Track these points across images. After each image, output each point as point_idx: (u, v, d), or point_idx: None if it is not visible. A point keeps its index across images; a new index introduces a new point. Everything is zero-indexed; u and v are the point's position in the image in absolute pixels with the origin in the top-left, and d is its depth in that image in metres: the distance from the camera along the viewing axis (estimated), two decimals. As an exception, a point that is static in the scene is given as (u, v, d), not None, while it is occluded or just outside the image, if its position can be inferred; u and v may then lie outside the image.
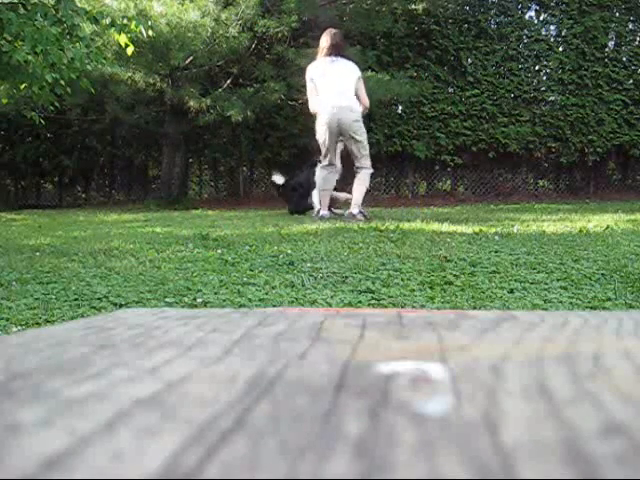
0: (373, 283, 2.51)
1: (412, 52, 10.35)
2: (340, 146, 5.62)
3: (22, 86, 5.89)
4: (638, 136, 10.34)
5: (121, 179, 11.87)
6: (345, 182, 6.33)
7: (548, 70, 10.72)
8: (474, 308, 2.12)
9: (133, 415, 0.24)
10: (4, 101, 6.80)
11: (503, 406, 0.25)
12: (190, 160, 11.25)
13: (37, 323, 2.02)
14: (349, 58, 5.71)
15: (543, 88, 10.61)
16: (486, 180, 10.85)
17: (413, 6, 10.02)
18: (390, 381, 0.29)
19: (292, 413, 0.24)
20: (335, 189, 5.90)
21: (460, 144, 10.40)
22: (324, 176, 5.64)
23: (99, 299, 2.34)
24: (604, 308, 2.10)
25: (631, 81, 10.45)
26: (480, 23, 10.47)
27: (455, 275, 2.65)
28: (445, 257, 3.05)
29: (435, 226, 4.56)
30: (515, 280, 2.54)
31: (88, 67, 5.69)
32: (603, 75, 10.37)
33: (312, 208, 6.19)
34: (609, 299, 2.20)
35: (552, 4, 10.55)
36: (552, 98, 10.63)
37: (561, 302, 2.20)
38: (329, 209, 5.79)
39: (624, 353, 0.37)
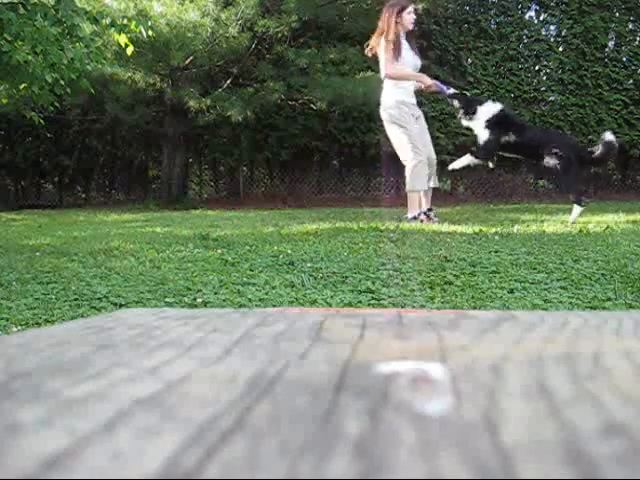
0: (373, 283, 2.51)
1: (412, 52, 10.35)
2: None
3: (22, 86, 5.89)
4: (638, 136, 10.34)
5: (121, 179, 11.88)
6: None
7: (548, 70, 10.72)
8: (474, 308, 2.12)
9: (133, 415, 0.24)
10: (4, 101, 6.80)
11: (503, 406, 0.25)
12: (190, 160, 11.25)
13: (37, 323, 2.02)
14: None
15: (543, 88, 10.61)
16: (486, 180, 10.85)
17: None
18: (390, 381, 0.29)
19: (292, 413, 0.24)
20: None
21: (460, 144, 10.40)
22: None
23: (99, 299, 2.34)
24: (604, 308, 2.10)
25: (631, 81, 10.45)
26: (480, 23, 10.47)
27: (455, 275, 2.65)
28: (445, 257, 3.05)
29: (435, 226, 4.55)
30: (515, 280, 2.54)
31: (88, 67, 5.69)
32: (603, 75, 10.37)
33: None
34: (609, 299, 2.20)
35: (552, 4, 10.54)
36: (552, 98, 10.63)
37: (561, 302, 2.20)
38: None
39: (624, 353, 0.36)
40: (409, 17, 4.96)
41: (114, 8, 7.67)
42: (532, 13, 10.70)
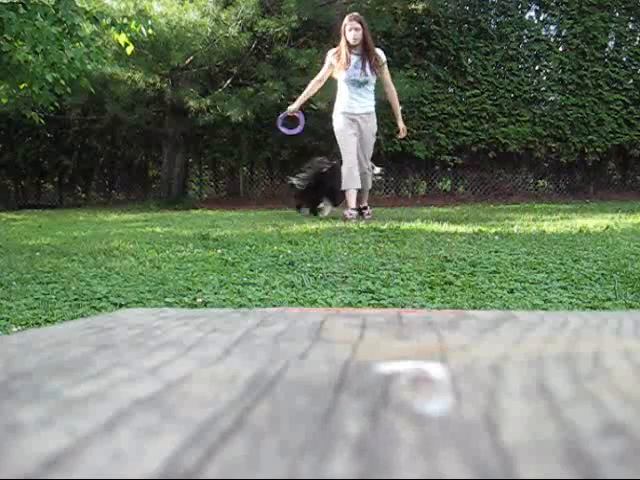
0: (373, 283, 2.51)
1: (412, 52, 10.35)
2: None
3: (22, 86, 5.89)
4: (638, 136, 10.34)
5: (121, 179, 11.87)
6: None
7: (548, 70, 10.72)
8: (474, 308, 2.11)
9: (133, 415, 0.24)
10: (4, 101, 6.79)
11: (503, 406, 0.25)
12: (190, 160, 11.25)
13: (37, 323, 2.02)
14: None
15: (543, 88, 10.61)
16: (486, 180, 10.85)
17: (413, 6, 10.01)
18: (390, 381, 0.29)
19: (292, 413, 0.24)
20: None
21: (460, 144, 10.40)
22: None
23: (99, 299, 2.34)
24: (604, 308, 2.10)
25: (631, 81, 10.45)
26: (480, 23, 10.47)
27: (455, 275, 2.65)
28: (445, 257, 3.05)
29: (435, 226, 4.56)
30: (515, 280, 2.54)
31: (88, 67, 5.68)
32: (603, 75, 10.37)
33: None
34: (609, 299, 2.20)
35: (552, 4, 10.54)
36: (552, 98, 10.63)
37: (561, 302, 2.20)
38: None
39: (624, 353, 0.36)
40: (349, 34, 5.17)
41: (114, 8, 7.67)
42: (532, 13, 10.70)
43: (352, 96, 5.28)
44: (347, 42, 5.15)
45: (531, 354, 0.36)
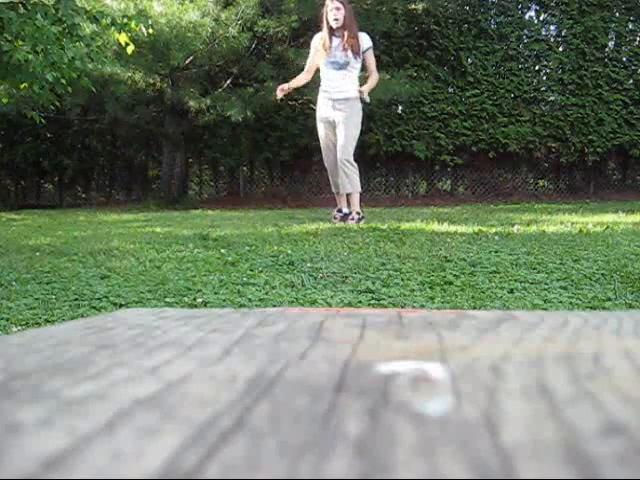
0: (373, 283, 2.51)
1: (412, 52, 10.35)
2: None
3: (22, 86, 5.89)
4: (638, 136, 10.34)
5: (121, 179, 11.87)
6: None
7: (548, 70, 10.72)
8: (474, 308, 2.11)
9: (133, 415, 0.24)
10: (4, 101, 6.80)
11: (503, 406, 0.25)
12: (190, 160, 11.25)
13: (37, 323, 2.02)
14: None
15: (543, 88, 10.61)
16: (486, 180, 10.85)
17: (413, 6, 10.01)
18: (390, 381, 0.29)
19: (292, 413, 0.24)
20: None
21: (460, 144, 10.40)
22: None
23: (99, 299, 2.34)
24: (604, 308, 2.10)
25: (631, 81, 10.45)
26: (480, 23, 10.47)
27: (455, 275, 2.65)
28: (445, 257, 3.05)
29: (435, 226, 4.56)
30: (515, 280, 2.54)
31: (89, 66, 5.69)
32: (603, 75, 10.37)
33: None
34: (609, 299, 2.20)
35: (552, 4, 10.54)
36: (552, 98, 10.63)
37: (561, 302, 2.20)
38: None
39: (624, 353, 0.36)
40: (330, 14, 4.93)
41: (114, 8, 7.67)
42: (532, 13, 10.70)
43: (330, 78, 4.93)
44: (328, 24, 4.90)
45: (531, 354, 0.36)
